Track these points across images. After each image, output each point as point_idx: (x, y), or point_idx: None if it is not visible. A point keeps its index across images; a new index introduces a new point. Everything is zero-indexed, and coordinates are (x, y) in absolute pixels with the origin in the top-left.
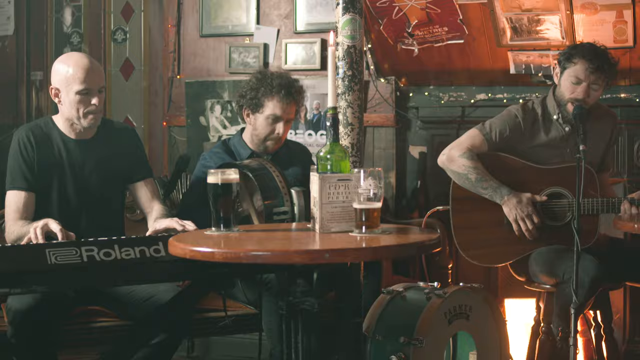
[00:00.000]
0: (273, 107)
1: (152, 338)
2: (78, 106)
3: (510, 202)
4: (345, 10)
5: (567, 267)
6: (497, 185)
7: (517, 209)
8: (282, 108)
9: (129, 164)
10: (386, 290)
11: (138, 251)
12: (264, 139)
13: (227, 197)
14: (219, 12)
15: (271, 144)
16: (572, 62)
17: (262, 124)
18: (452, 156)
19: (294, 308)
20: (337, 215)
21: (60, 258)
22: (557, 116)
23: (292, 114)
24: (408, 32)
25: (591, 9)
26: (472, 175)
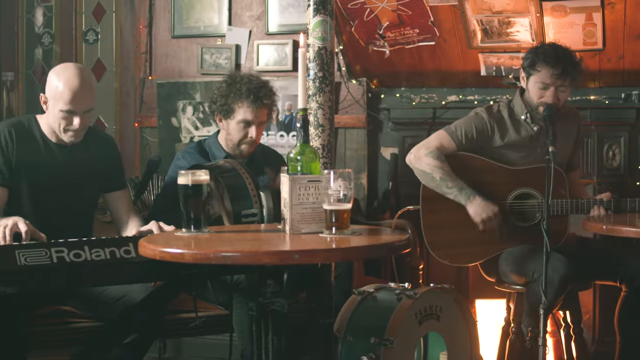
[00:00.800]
0: (244, 112)
1: (123, 339)
2: (60, 122)
3: (476, 202)
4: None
5: (536, 266)
6: (462, 186)
7: (483, 209)
8: (253, 113)
9: (106, 172)
10: (357, 291)
11: (108, 252)
12: (238, 144)
13: (197, 198)
14: (191, 13)
15: (246, 148)
16: (536, 69)
17: (235, 129)
18: (419, 155)
19: (264, 309)
20: (307, 216)
21: (30, 259)
22: (525, 116)
23: (264, 117)
24: (379, 34)
25: (561, 11)
26: (437, 175)
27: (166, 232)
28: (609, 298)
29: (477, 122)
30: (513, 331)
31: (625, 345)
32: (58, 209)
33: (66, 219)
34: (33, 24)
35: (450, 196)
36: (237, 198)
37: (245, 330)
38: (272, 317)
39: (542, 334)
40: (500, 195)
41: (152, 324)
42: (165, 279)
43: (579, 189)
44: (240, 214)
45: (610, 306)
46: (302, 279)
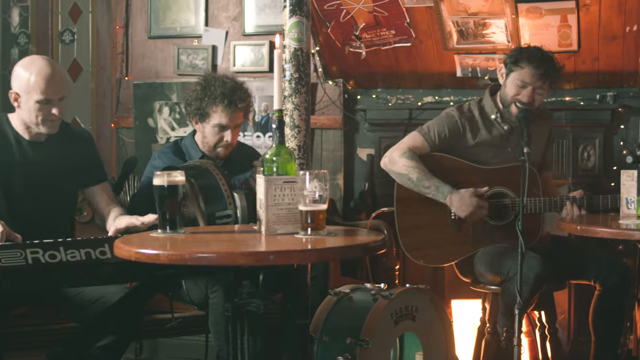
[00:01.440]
0: (219, 117)
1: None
2: (37, 113)
3: (455, 197)
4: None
5: (511, 265)
6: (439, 183)
7: (464, 203)
8: (228, 117)
9: (83, 168)
10: (333, 292)
11: (84, 253)
12: (214, 147)
13: (173, 199)
14: (168, 14)
15: (222, 151)
16: (519, 66)
17: (210, 133)
18: (393, 158)
19: (239, 309)
20: (282, 217)
21: (4, 260)
22: (496, 116)
23: (240, 120)
24: (356, 35)
25: (536, 13)
26: (414, 175)
27: (148, 222)
28: (584, 298)
29: (449, 121)
30: (488, 331)
31: (600, 344)
32: (34, 208)
33: (43, 218)
34: (9, 24)
35: (428, 195)
36: (211, 199)
37: (221, 331)
38: (248, 318)
39: (517, 333)
40: None
41: (129, 325)
42: (141, 280)
43: (552, 190)
44: (215, 216)
45: (585, 306)
46: (278, 279)
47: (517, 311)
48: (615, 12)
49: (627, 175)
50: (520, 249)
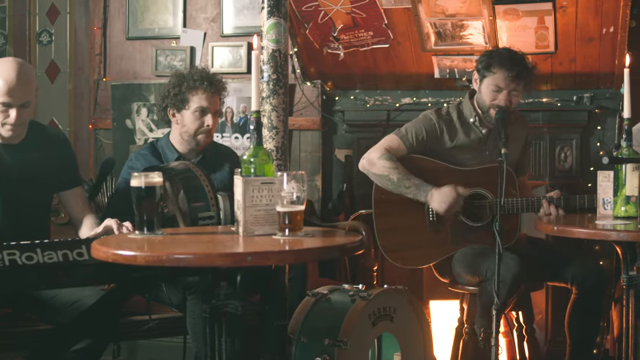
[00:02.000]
0: (199, 99)
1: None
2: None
3: (435, 194)
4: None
5: (489, 265)
6: (419, 182)
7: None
8: (208, 99)
9: (58, 170)
10: (311, 293)
11: (61, 255)
12: (194, 135)
13: (150, 200)
14: (146, 15)
15: (202, 138)
16: (491, 72)
17: (190, 119)
18: (372, 159)
19: (217, 311)
20: (260, 218)
21: None
22: (474, 119)
23: (217, 106)
24: (334, 36)
25: (513, 15)
26: (394, 176)
27: (124, 230)
28: (561, 298)
29: (427, 124)
30: (466, 332)
31: (575, 347)
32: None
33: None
34: None
35: (409, 195)
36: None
37: (199, 332)
38: (226, 319)
39: (495, 334)
40: None
41: (106, 327)
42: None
43: (528, 194)
44: (197, 217)
45: (562, 306)
46: (256, 280)
47: (494, 312)
48: (592, 13)
49: (603, 175)
50: (497, 249)
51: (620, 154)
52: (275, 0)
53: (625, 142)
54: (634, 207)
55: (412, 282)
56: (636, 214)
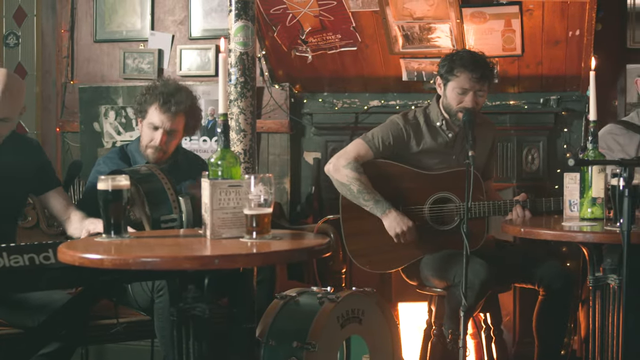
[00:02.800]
0: (152, 115)
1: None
2: None
3: (392, 215)
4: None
5: (457, 270)
6: (379, 198)
7: (397, 222)
8: (160, 117)
9: (34, 175)
10: (279, 296)
11: (27, 258)
12: (145, 147)
13: (117, 204)
14: (114, 18)
15: (151, 153)
16: (455, 75)
17: (144, 132)
18: (337, 166)
19: (184, 314)
20: (228, 221)
21: None
22: (441, 123)
23: (175, 126)
24: (302, 39)
25: (480, 18)
26: (355, 187)
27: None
28: (529, 300)
29: (393, 128)
30: (434, 333)
31: (543, 349)
32: None
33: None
34: None
35: (366, 208)
36: (156, 203)
37: (167, 335)
38: (193, 322)
39: (463, 335)
40: (418, 201)
41: (74, 331)
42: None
43: (494, 196)
44: (160, 220)
45: (530, 308)
46: (224, 283)
47: (462, 313)
48: (558, 17)
49: (570, 178)
50: (465, 251)
51: (586, 156)
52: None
53: (592, 144)
54: (600, 208)
55: (381, 285)
56: (602, 216)
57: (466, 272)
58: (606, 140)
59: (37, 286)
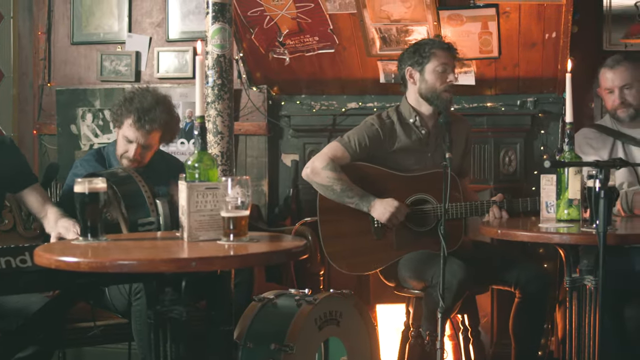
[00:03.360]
0: (126, 129)
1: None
2: None
3: (377, 204)
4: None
5: (434, 271)
6: (362, 193)
7: (385, 209)
8: (134, 133)
9: (9, 174)
10: (257, 298)
11: (4, 262)
12: (120, 156)
13: (94, 206)
14: (91, 20)
15: (125, 162)
16: (431, 54)
17: (119, 141)
18: (315, 169)
19: (162, 317)
20: (205, 223)
21: None
22: (414, 119)
23: (150, 141)
24: (279, 42)
25: (457, 20)
26: (337, 187)
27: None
28: (507, 301)
29: (368, 130)
30: (412, 335)
31: (520, 350)
32: None
33: None
34: None
35: (352, 205)
36: (134, 206)
37: (144, 338)
38: (171, 325)
39: (440, 337)
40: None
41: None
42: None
43: (470, 196)
44: (137, 223)
45: (507, 309)
46: (202, 286)
47: (439, 315)
48: (535, 19)
49: (546, 179)
50: (442, 252)
51: (563, 157)
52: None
53: (568, 146)
54: (577, 210)
55: (359, 286)
56: (578, 217)
57: (443, 272)
58: (580, 144)
59: (14, 289)
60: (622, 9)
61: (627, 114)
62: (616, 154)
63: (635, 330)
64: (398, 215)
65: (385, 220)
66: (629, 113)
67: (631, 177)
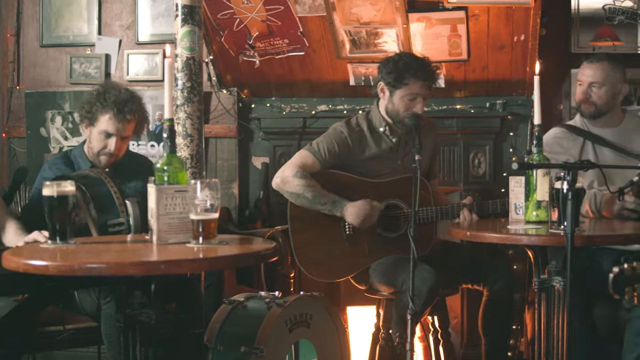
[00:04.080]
0: (106, 123)
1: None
2: None
3: (349, 209)
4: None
5: (404, 277)
6: (335, 198)
7: (358, 212)
8: (115, 125)
9: None
10: (227, 300)
11: None
12: (97, 153)
13: (63, 209)
14: (60, 22)
15: (104, 159)
16: (404, 83)
17: (96, 139)
18: (285, 178)
19: (131, 320)
20: (174, 226)
21: None
22: (384, 128)
23: (128, 132)
24: (249, 44)
25: (427, 23)
26: (309, 194)
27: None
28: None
29: (337, 137)
30: (383, 337)
31: (490, 346)
32: None
33: None
34: None
35: (325, 211)
36: (103, 207)
37: (114, 341)
38: (140, 328)
39: (410, 339)
40: None
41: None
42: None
43: (439, 198)
44: (107, 224)
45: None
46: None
47: (409, 316)
48: (503, 22)
49: (515, 181)
50: (412, 255)
51: (531, 159)
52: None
53: (536, 147)
54: (545, 211)
55: (330, 289)
56: (547, 219)
57: (413, 274)
58: (550, 144)
59: None
60: (590, 12)
61: (588, 110)
62: (586, 153)
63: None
64: (372, 214)
65: (359, 223)
66: (590, 111)
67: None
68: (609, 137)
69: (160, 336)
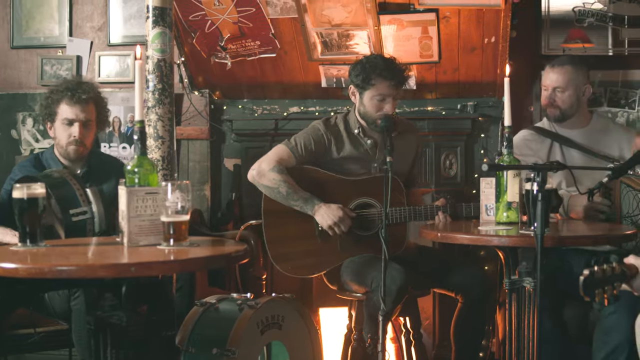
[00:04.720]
0: (64, 111)
1: None
2: None
3: (321, 209)
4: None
5: (375, 276)
6: (307, 196)
7: (328, 215)
8: (73, 110)
9: None
10: (199, 302)
11: None
12: (65, 146)
13: (33, 212)
14: (31, 23)
15: (72, 149)
16: (371, 84)
17: (59, 131)
18: (262, 170)
19: (102, 322)
20: (145, 228)
21: None
22: (358, 130)
23: (89, 115)
24: (221, 46)
25: (398, 24)
26: (283, 189)
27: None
28: (448, 304)
29: (315, 134)
30: (355, 338)
31: (459, 352)
32: None
33: None
34: None
35: (297, 208)
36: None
37: (84, 344)
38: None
39: (382, 339)
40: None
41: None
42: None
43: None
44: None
45: (449, 312)
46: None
47: (380, 318)
48: (474, 24)
49: (486, 182)
50: (383, 256)
51: (501, 161)
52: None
53: (506, 149)
54: (515, 212)
55: (302, 290)
56: (517, 220)
57: (384, 276)
58: (519, 146)
59: None
60: (560, 14)
61: (554, 114)
62: (554, 155)
63: (575, 331)
64: (341, 225)
65: (326, 227)
66: (555, 114)
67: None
68: (576, 139)
69: (131, 338)
